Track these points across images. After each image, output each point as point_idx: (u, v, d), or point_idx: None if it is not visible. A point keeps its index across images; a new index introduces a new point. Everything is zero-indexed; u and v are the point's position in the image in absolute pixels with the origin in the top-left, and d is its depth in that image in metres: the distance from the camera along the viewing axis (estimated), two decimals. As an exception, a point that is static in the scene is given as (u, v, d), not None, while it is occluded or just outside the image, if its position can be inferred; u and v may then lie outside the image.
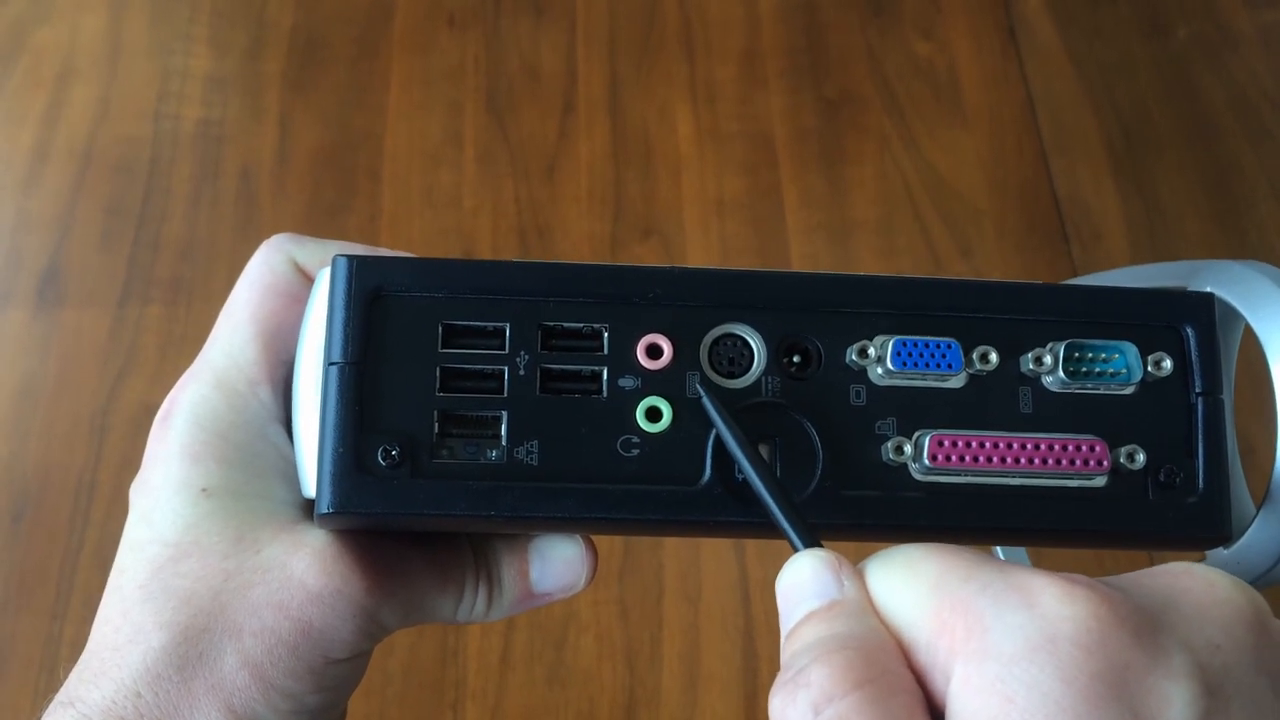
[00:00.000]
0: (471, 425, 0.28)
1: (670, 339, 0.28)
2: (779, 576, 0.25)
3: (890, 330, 0.29)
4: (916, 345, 0.28)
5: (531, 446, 0.28)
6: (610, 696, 0.70)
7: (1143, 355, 0.29)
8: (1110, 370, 0.29)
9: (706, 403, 0.28)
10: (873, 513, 0.27)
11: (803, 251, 0.86)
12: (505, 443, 0.28)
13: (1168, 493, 0.28)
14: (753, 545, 0.74)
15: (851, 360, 0.29)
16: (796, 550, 0.25)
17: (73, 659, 0.30)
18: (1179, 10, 0.97)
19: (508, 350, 0.28)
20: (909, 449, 0.28)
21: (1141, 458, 0.28)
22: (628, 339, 0.28)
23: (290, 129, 0.90)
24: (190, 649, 0.28)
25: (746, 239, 0.86)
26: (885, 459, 0.28)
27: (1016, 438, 0.28)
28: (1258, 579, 0.29)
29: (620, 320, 0.28)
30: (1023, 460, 0.28)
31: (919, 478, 0.28)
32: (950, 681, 0.21)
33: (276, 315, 0.31)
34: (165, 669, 0.27)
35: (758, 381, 0.29)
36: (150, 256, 0.85)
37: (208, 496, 0.29)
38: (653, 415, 0.28)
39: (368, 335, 0.28)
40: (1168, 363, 0.29)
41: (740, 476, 0.28)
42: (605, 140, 0.90)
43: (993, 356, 0.28)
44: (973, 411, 0.29)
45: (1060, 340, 0.29)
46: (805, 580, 0.24)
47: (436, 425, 0.28)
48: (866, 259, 0.86)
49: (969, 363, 0.29)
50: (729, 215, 0.87)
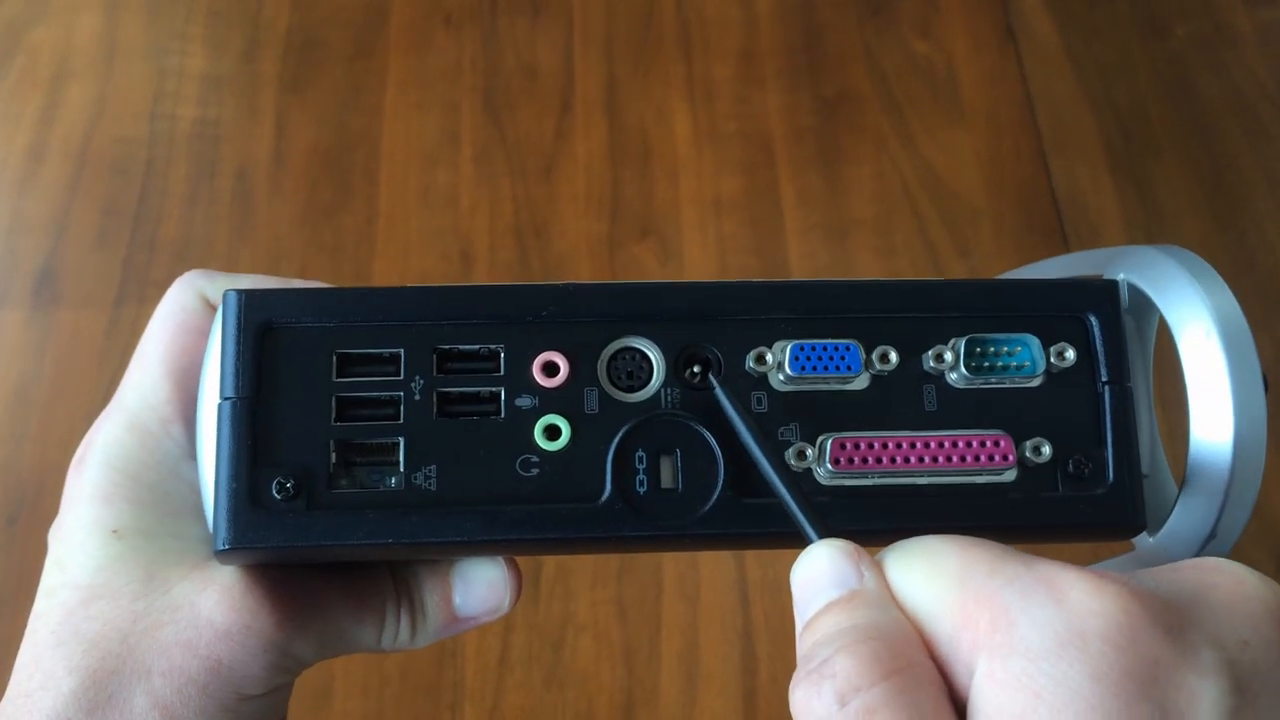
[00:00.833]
0: (369, 453, 0.28)
1: (567, 356, 0.28)
2: (794, 567, 0.24)
3: (789, 335, 0.28)
4: (814, 349, 0.28)
5: (430, 471, 0.28)
6: (608, 697, 0.70)
7: (1045, 347, 0.28)
8: (1013, 364, 0.28)
9: (720, 394, 0.28)
10: (777, 520, 0.26)
11: (800, 251, 0.86)
12: (403, 469, 0.28)
13: (1077, 484, 0.28)
14: (751, 545, 0.74)
15: (751, 367, 0.28)
16: (812, 541, 0.25)
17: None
18: (1177, 9, 0.97)
19: (403, 376, 0.28)
20: (811, 453, 0.28)
21: (1048, 450, 0.28)
22: (523, 358, 0.28)
23: (286, 129, 0.90)
24: (99, 693, 0.27)
25: (744, 239, 0.86)
26: (789, 465, 0.28)
27: (920, 436, 0.28)
28: None
29: (515, 340, 0.28)
30: (927, 459, 0.28)
31: (824, 482, 0.28)
32: (974, 676, 0.21)
33: (188, 353, 0.31)
34: (75, 713, 0.27)
35: (657, 394, 0.28)
36: (146, 257, 0.85)
37: (119, 538, 0.29)
38: (551, 433, 0.28)
39: (259, 368, 0.28)
40: (1070, 353, 0.28)
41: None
42: (602, 140, 0.90)
43: (893, 356, 0.28)
44: (876, 413, 0.28)
45: (961, 336, 0.28)
46: (823, 570, 0.24)
47: (333, 455, 0.28)
48: (864, 258, 0.86)
49: (869, 364, 0.28)
50: (727, 215, 0.87)
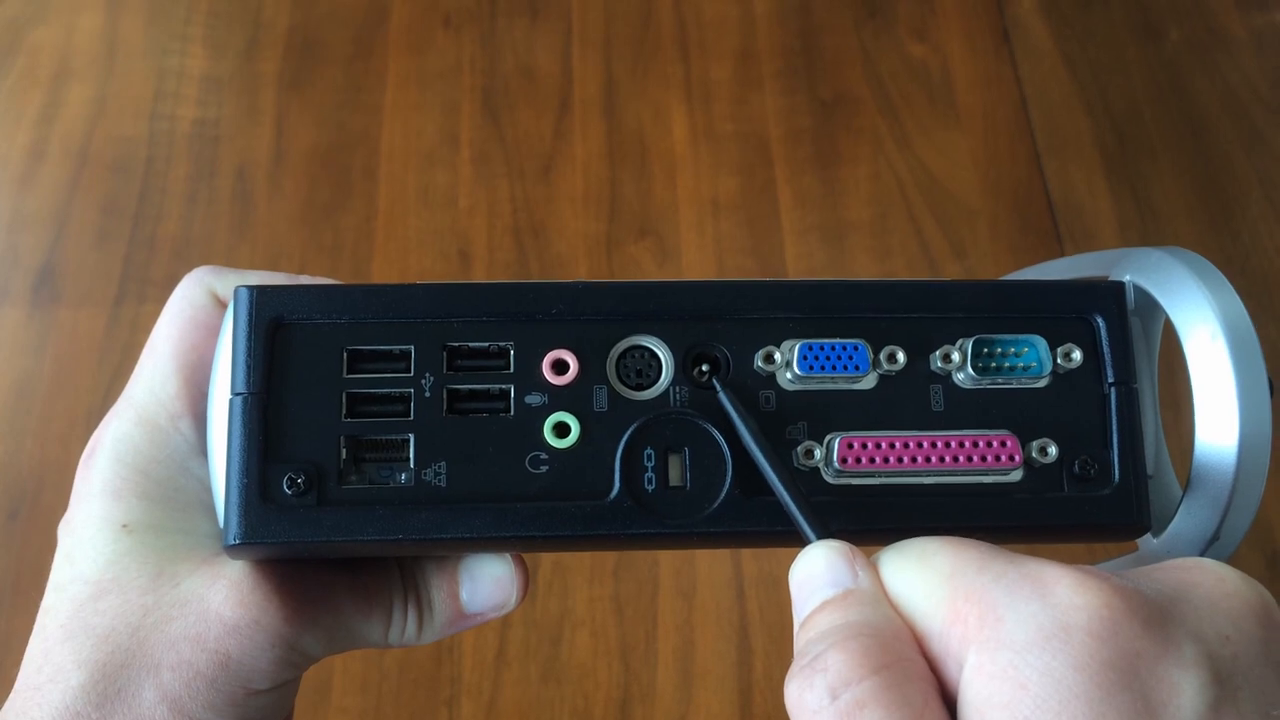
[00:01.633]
0: (379, 449, 0.28)
1: (576, 354, 0.28)
2: (792, 567, 0.25)
3: (797, 334, 0.29)
4: (823, 348, 0.28)
5: (439, 468, 0.28)
6: (605, 692, 0.70)
7: (1052, 348, 0.29)
8: (1020, 364, 0.29)
9: (722, 396, 0.28)
10: (785, 518, 0.26)
11: (797, 252, 0.86)
12: (413, 465, 0.28)
13: (1083, 484, 0.28)
14: (747, 543, 0.74)
15: (759, 366, 0.29)
16: (810, 541, 0.25)
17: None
18: (1171, 12, 0.97)
19: (413, 373, 0.28)
20: (819, 452, 0.28)
21: (1054, 450, 0.28)
22: (533, 356, 0.28)
23: (286, 129, 0.91)
24: (108, 686, 0.28)
25: (741, 239, 0.86)
26: (796, 464, 0.28)
27: (927, 436, 0.28)
28: None
29: (525, 337, 0.28)
30: (933, 459, 0.28)
31: (831, 481, 0.28)
32: (963, 669, 0.21)
33: (198, 349, 0.31)
34: (84, 707, 0.27)
35: (666, 392, 0.29)
36: (146, 255, 0.85)
37: (128, 533, 0.29)
38: (560, 431, 0.28)
39: (270, 365, 0.28)
40: (1077, 354, 0.29)
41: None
42: (601, 140, 0.90)
43: (900, 356, 0.28)
44: (883, 412, 0.28)
45: (968, 337, 0.28)
46: (820, 570, 0.24)
47: (343, 451, 0.28)
48: (860, 259, 0.86)
49: (877, 363, 0.28)
50: (724, 216, 0.87)
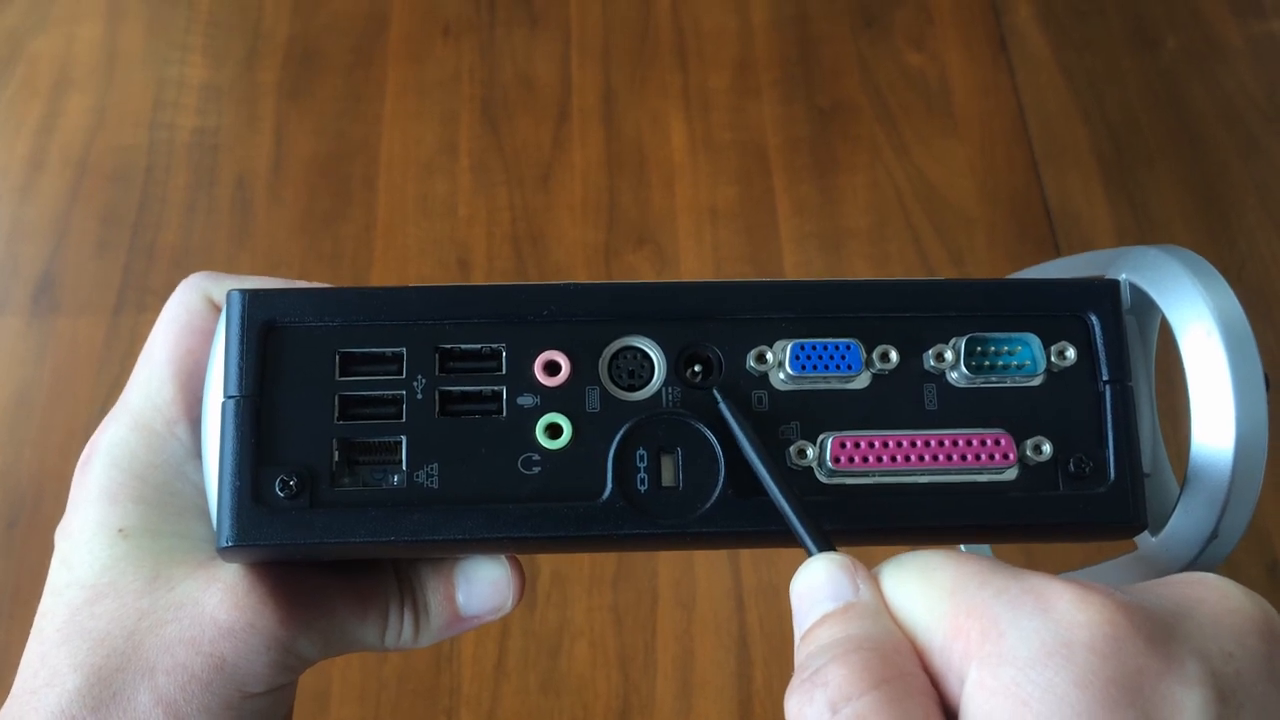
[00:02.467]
0: (371, 452, 0.28)
1: (568, 355, 0.28)
2: (794, 579, 0.25)
3: (790, 334, 0.28)
4: (815, 348, 0.28)
5: (432, 470, 0.28)
6: (604, 703, 0.70)
7: (1046, 346, 0.28)
8: (1014, 363, 0.28)
9: (722, 407, 0.28)
10: (778, 518, 0.26)
11: (795, 260, 0.86)
12: (405, 467, 0.28)
13: (1078, 483, 0.28)
14: (747, 552, 0.74)
15: (751, 366, 0.28)
16: (811, 554, 0.25)
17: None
18: (1168, 21, 0.98)
19: (405, 375, 0.28)
20: (812, 452, 0.28)
21: (1048, 449, 0.28)
22: (525, 357, 0.28)
23: (285, 138, 0.91)
24: (104, 689, 0.28)
25: (739, 247, 0.87)
26: (789, 464, 0.28)
27: (920, 435, 0.28)
28: (1188, 565, 0.28)
29: (517, 339, 0.28)
30: (927, 458, 0.28)
31: (824, 480, 0.28)
32: (964, 685, 0.21)
33: (193, 354, 0.31)
34: (79, 711, 0.27)
35: (658, 393, 0.28)
36: (145, 264, 0.85)
37: (125, 537, 0.29)
38: (553, 432, 0.28)
39: (263, 367, 0.28)
40: (1071, 352, 0.28)
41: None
42: (599, 149, 0.91)
43: (893, 355, 0.28)
44: (877, 411, 0.28)
45: (961, 335, 0.28)
46: (820, 583, 0.24)
47: (335, 453, 0.28)
48: (858, 267, 0.86)
49: (870, 362, 0.28)
50: (722, 224, 0.87)
